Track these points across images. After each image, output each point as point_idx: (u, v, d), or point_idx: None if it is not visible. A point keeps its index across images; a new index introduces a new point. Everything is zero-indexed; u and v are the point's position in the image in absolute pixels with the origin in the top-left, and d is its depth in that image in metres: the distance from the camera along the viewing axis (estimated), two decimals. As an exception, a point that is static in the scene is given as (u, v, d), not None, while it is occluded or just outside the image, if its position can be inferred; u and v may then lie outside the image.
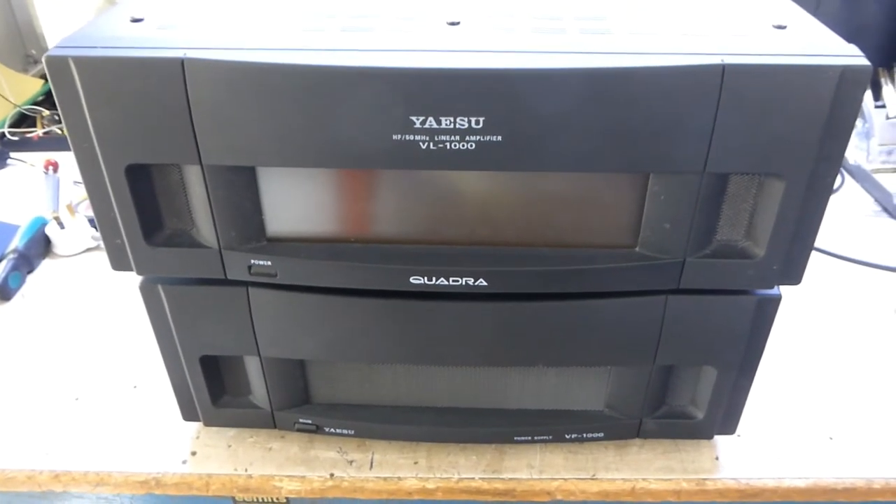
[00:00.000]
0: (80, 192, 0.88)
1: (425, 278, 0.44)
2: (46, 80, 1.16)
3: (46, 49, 1.25)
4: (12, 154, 1.00)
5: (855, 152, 0.95)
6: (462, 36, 0.40)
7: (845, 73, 0.37)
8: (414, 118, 0.38)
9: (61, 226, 0.80)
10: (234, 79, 0.38)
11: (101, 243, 0.79)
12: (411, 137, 0.38)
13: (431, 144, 0.38)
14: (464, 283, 0.45)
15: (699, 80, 0.37)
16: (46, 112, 1.07)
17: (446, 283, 0.45)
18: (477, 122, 0.38)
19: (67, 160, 0.93)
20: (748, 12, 0.44)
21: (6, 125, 1.04)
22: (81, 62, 0.38)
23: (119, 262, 0.46)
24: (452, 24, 0.41)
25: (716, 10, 0.44)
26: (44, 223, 0.80)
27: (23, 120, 1.08)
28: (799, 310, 0.70)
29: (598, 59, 0.37)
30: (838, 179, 0.93)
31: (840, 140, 0.39)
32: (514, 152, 0.39)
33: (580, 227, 0.45)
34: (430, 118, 0.38)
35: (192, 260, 0.45)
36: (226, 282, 0.47)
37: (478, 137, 0.38)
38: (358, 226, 0.46)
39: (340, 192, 0.44)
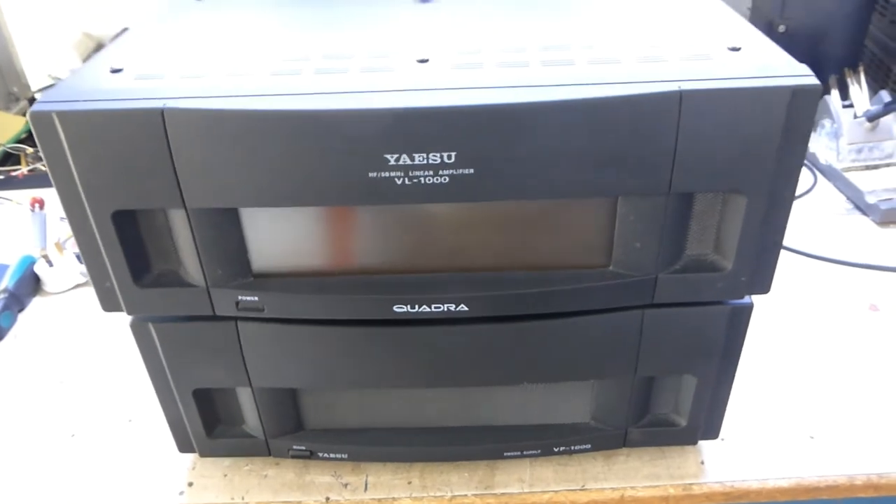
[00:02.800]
0: (67, 229, 0.89)
1: (408, 306, 0.46)
2: (29, 117, 1.17)
3: (28, 86, 1.26)
4: (-3, 193, 1.01)
5: (825, 152, 0.98)
6: (431, 73, 0.42)
7: (796, 92, 0.39)
8: (388, 156, 0.39)
9: (50, 263, 0.81)
10: (214, 126, 0.39)
11: (90, 279, 0.81)
12: (386, 174, 0.40)
13: (406, 180, 0.40)
14: (445, 308, 0.46)
15: (658, 107, 0.39)
16: (30, 150, 1.08)
17: (428, 309, 0.46)
18: (449, 157, 0.39)
19: (53, 197, 0.94)
20: (705, 35, 0.45)
21: (-10, 164, 1.05)
22: (64, 116, 0.39)
23: (109, 304, 0.47)
24: (422, 61, 0.43)
25: (675, 33, 0.46)
26: (32, 261, 0.81)
27: (7, 158, 1.08)
28: (775, 310, 0.72)
29: (562, 92, 0.39)
30: (810, 179, 0.95)
31: (796, 154, 0.41)
32: (487, 183, 0.40)
33: (554, 250, 0.46)
34: (404, 155, 0.39)
35: (181, 299, 0.47)
36: (215, 318, 0.48)
37: (451, 171, 0.40)
38: (340, 259, 0.47)
39: (322, 227, 0.46)
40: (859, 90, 0.97)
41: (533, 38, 0.46)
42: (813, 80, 0.39)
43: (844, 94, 0.98)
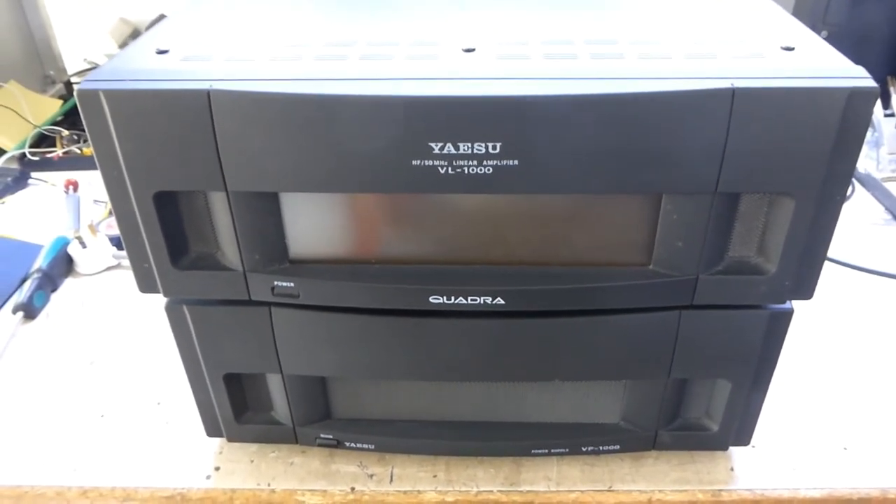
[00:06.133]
0: (101, 211, 0.90)
1: (444, 297, 0.46)
2: (65, 100, 1.19)
3: (64, 69, 1.28)
4: (33, 174, 1.02)
5: (865, 161, 0.96)
6: (478, 63, 0.41)
7: (853, 94, 0.38)
8: (432, 144, 0.39)
9: (83, 245, 0.82)
10: (259, 109, 0.39)
11: (122, 262, 0.82)
12: (430, 163, 0.40)
13: (450, 169, 0.40)
14: (482, 301, 0.46)
15: (710, 104, 0.38)
16: (66, 132, 1.09)
17: (465, 301, 0.46)
18: (494, 148, 0.39)
19: (87, 179, 0.95)
20: (757, 34, 0.45)
21: (27, 146, 1.06)
22: (111, 95, 0.39)
23: (146, 285, 0.47)
24: (468, 50, 0.43)
25: (725, 31, 0.45)
26: (66, 242, 0.82)
27: (42, 140, 1.10)
28: (810, 319, 0.71)
29: (611, 85, 0.38)
30: (848, 188, 0.93)
31: (849, 159, 0.40)
32: (530, 175, 0.40)
33: (595, 246, 0.46)
34: (449, 144, 0.39)
35: (217, 282, 0.47)
36: (249, 302, 0.48)
37: (495, 162, 0.39)
38: (378, 247, 0.47)
39: (361, 215, 0.46)
40: (901, 99, 0.96)
41: (580, 31, 0.46)
42: (870, 83, 0.38)
43: (886, 104, 0.96)
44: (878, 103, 0.95)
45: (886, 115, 0.95)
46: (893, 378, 0.65)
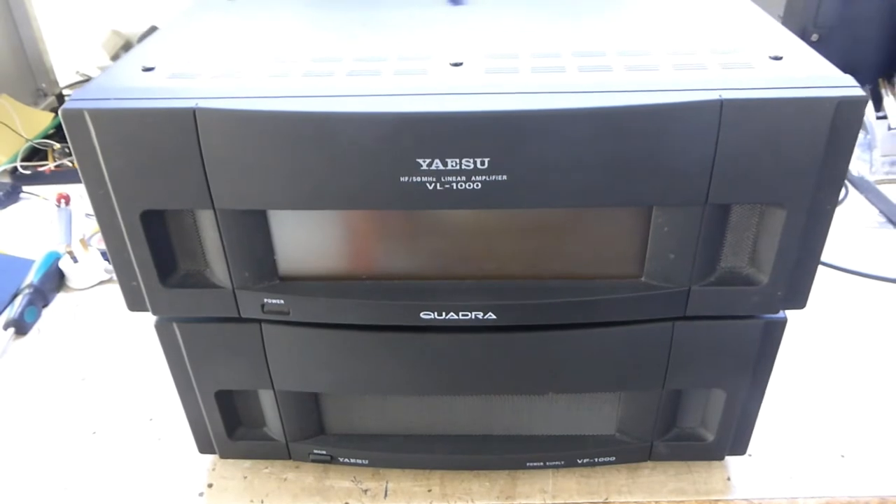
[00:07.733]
0: (93, 225, 0.90)
1: (435, 313, 0.45)
2: (57, 113, 1.18)
3: (56, 82, 1.28)
4: (25, 188, 1.01)
5: (858, 163, 0.96)
6: (465, 77, 0.41)
7: (841, 104, 0.38)
8: (420, 160, 0.39)
9: (74, 260, 0.81)
10: (245, 126, 0.39)
11: (114, 276, 0.81)
12: (418, 179, 0.39)
13: (438, 185, 0.39)
14: (473, 316, 0.45)
15: (698, 116, 0.38)
16: (58, 145, 1.09)
17: (456, 317, 0.45)
18: (482, 163, 0.39)
19: (79, 193, 0.95)
20: (745, 43, 0.44)
21: (18, 159, 1.06)
22: (96, 114, 0.39)
23: (135, 303, 0.47)
24: (455, 64, 0.42)
25: (713, 41, 0.45)
26: (57, 257, 0.82)
27: (34, 154, 1.09)
28: (805, 324, 0.71)
29: (599, 99, 0.38)
30: (842, 191, 0.93)
31: (839, 168, 0.40)
32: (520, 190, 0.40)
33: (586, 259, 0.46)
34: (437, 160, 0.39)
35: (207, 300, 0.46)
36: (240, 320, 0.48)
37: (483, 177, 0.39)
38: (368, 264, 0.46)
39: (350, 231, 0.45)
40: (893, 101, 0.96)
41: (568, 43, 0.45)
42: (858, 92, 0.38)
43: (878, 106, 0.96)
44: (870, 106, 0.95)
45: (879, 118, 0.95)
46: (890, 383, 0.65)
